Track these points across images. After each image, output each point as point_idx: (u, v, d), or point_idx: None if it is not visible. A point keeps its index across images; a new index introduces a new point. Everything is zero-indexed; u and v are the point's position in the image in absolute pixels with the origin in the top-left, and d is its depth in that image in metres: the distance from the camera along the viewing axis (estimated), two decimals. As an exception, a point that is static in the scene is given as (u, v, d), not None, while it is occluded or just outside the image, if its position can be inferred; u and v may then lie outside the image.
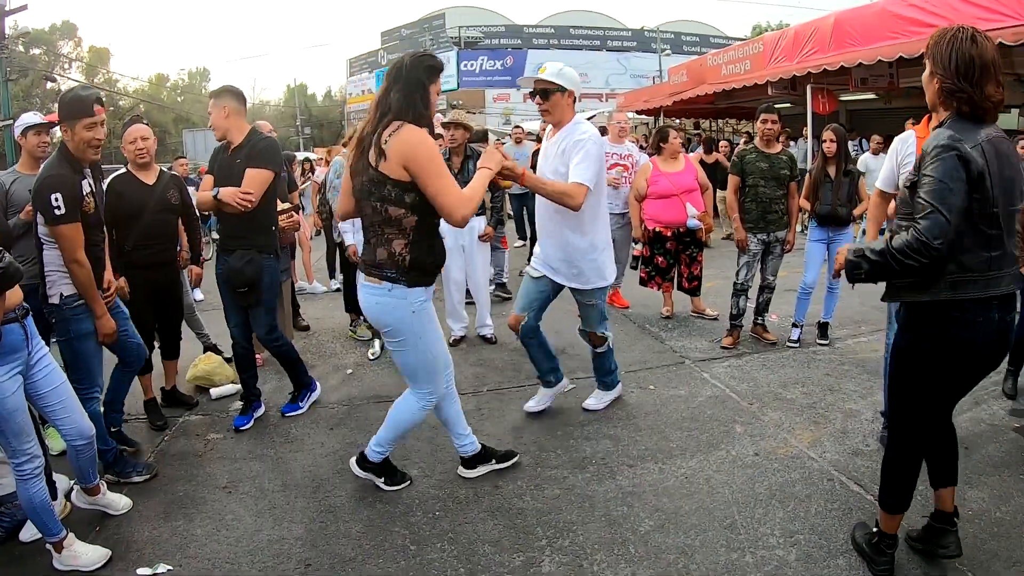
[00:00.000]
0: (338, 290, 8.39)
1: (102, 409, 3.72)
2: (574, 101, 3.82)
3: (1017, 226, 3.57)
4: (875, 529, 2.67)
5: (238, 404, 4.61)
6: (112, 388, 3.95)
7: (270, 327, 4.36)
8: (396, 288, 2.99)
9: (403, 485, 3.48)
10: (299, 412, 4.55)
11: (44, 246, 3.38)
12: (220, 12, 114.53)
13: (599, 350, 4.29)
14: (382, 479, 3.47)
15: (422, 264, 3.01)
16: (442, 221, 2.97)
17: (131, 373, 4.02)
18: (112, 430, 3.90)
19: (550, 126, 3.96)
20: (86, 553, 2.96)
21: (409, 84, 2.90)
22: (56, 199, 3.19)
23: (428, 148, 2.83)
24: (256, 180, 4.00)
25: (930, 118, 2.72)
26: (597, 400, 4.40)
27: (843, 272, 2.43)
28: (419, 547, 2.97)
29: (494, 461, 3.59)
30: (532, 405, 4.37)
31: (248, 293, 4.20)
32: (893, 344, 2.57)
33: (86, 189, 3.41)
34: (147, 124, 4.52)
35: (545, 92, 3.74)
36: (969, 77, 2.25)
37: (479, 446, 3.56)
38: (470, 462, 3.55)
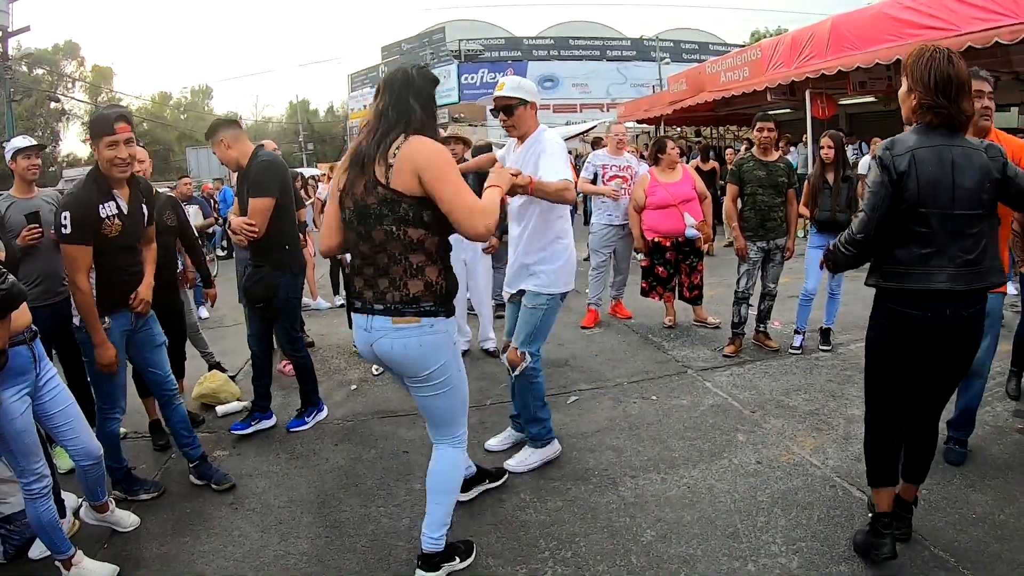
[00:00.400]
0: (341, 306, 8.44)
1: (122, 430, 3.69)
2: (535, 112, 3.70)
3: (1016, 227, 3.63)
4: (870, 514, 2.80)
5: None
6: (171, 431, 3.93)
7: (290, 338, 4.57)
8: (438, 322, 2.61)
9: (474, 553, 3.00)
10: (303, 428, 4.58)
11: None
12: (222, 30, 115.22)
13: (514, 372, 3.71)
14: (456, 559, 2.92)
15: (453, 289, 2.68)
16: None
17: (167, 408, 3.86)
18: (191, 466, 3.91)
19: (513, 140, 3.81)
20: (94, 570, 2.99)
21: (421, 95, 2.62)
22: (65, 217, 3.19)
23: (447, 156, 2.54)
24: (256, 209, 4.14)
25: None
26: (517, 461, 3.81)
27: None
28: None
29: (487, 481, 3.56)
30: (494, 444, 4.13)
31: (265, 308, 4.33)
32: None
33: (110, 211, 3.36)
34: (143, 146, 4.55)
35: (508, 108, 3.60)
36: (947, 94, 2.43)
37: (474, 469, 3.49)
38: (466, 485, 3.42)
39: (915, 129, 2.53)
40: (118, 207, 3.40)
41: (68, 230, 3.20)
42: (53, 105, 33.05)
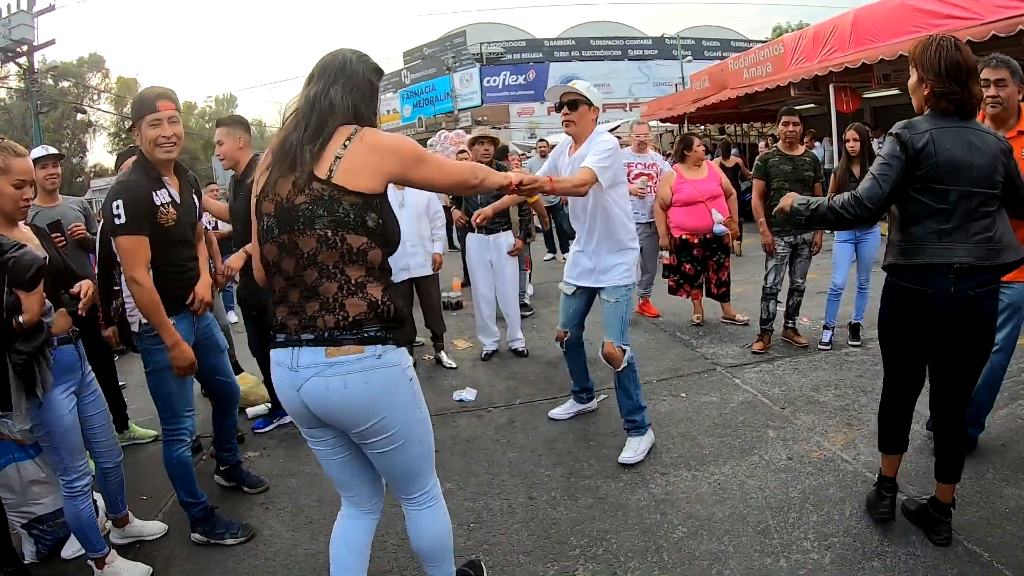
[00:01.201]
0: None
1: (190, 454, 3.38)
2: (596, 118, 3.84)
3: None
4: (877, 476, 3.03)
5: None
6: (215, 433, 3.85)
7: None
8: (387, 352, 2.06)
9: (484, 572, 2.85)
10: (268, 429, 4.72)
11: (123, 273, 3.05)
12: (244, 39, 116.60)
13: (619, 368, 3.86)
14: None
15: (403, 316, 2.13)
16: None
17: (225, 416, 3.76)
18: (222, 468, 3.90)
19: (571, 140, 3.92)
20: (127, 569, 3.03)
21: (360, 85, 2.14)
22: (117, 206, 2.84)
23: (413, 142, 2.22)
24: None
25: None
26: (632, 451, 3.82)
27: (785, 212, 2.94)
28: (456, 558, 2.96)
29: None
30: (558, 412, 4.51)
31: (259, 315, 4.41)
32: None
33: (163, 199, 3.02)
34: None
35: (575, 103, 3.74)
36: (959, 80, 2.53)
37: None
38: None
39: (928, 115, 2.61)
40: (170, 195, 3.08)
41: (122, 220, 2.84)
42: (80, 117, 33.50)
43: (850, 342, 5.49)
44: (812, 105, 14.04)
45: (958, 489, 2.86)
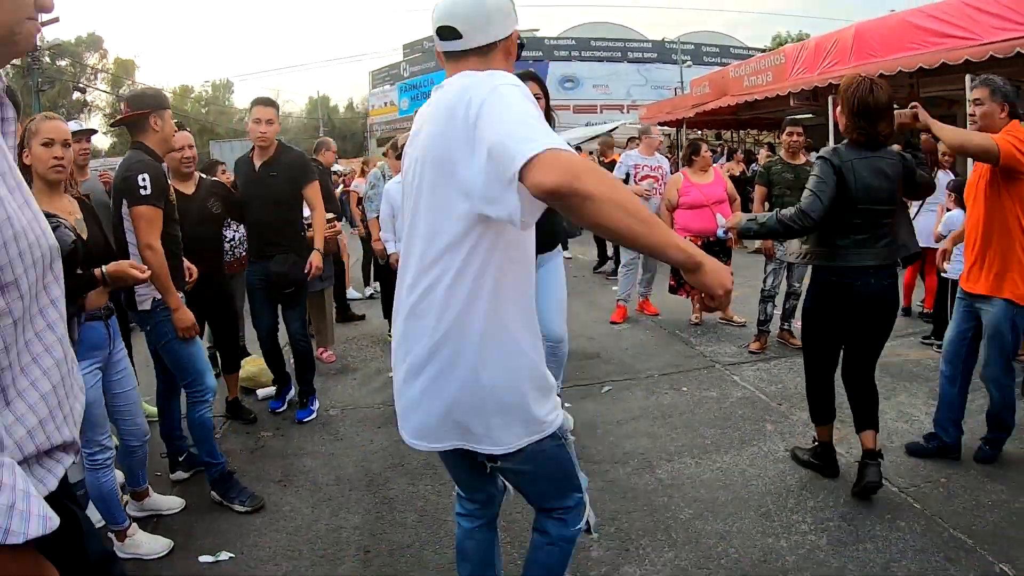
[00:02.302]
0: (371, 296, 8.69)
1: (211, 415, 3.56)
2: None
3: None
4: (814, 442, 3.64)
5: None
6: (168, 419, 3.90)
7: (302, 322, 4.73)
8: None
9: None
10: (313, 416, 4.73)
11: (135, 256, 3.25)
12: (243, 24, 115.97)
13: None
14: None
15: None
16: None
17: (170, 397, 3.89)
18: (180, 458, 3.90)
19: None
20: (148, 543, 3.10)
21: None
22: (143, 179, 3.16)
23: None
24: (319, 195, 4.46)
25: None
26: None
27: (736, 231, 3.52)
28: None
29: None
30: None
31: (293, 293, 4.51)
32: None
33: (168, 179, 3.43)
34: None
35: None
36: (867, 117, 3.11)
37: None
38: None
39: (847, 143, 3.20)
40: (167, 179, 3.46)
41: (148, 191, 3.17)
42: (76, 96, 33.17)
43: (843, 345, 5.69)
44: (810, 115, 14.24)
45: (945, 483, 3.23)
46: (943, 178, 6.03)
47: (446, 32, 1.84)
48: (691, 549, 2.96)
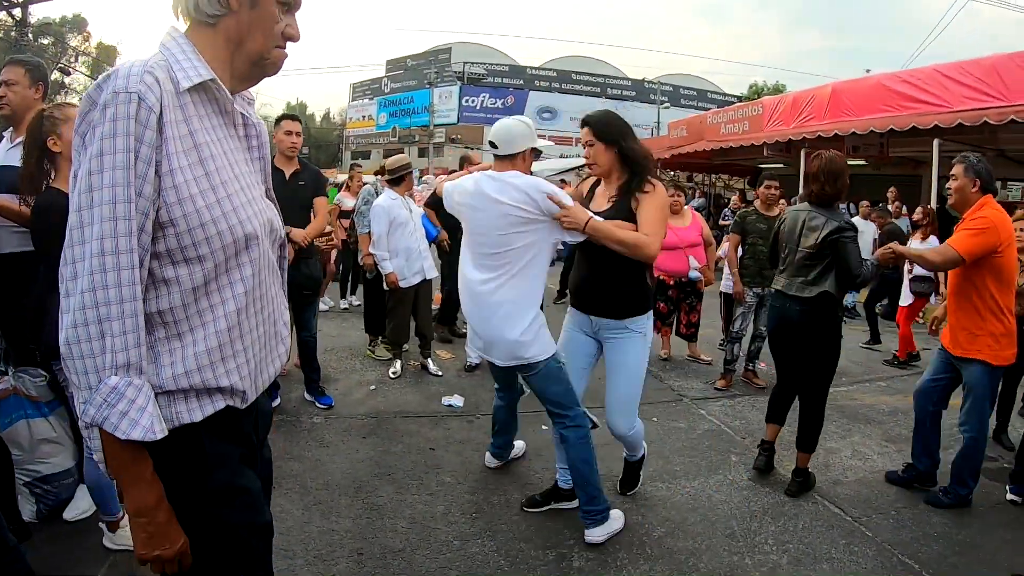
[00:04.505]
0: (346, 309, 8.85)
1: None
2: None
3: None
4: (763, 440, 4.31)
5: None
6: None
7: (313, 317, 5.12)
8: None
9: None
10: (332, 404, 5.16)
11: None
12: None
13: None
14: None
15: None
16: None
17: None
18: None
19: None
20: None
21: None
22: None
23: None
24: (326, 205, 4.85)
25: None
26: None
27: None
28: (462, 542, 3.32)
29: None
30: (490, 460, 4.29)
31: (312, 294, 4.91)
32: None
33: None
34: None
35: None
36: (830, 182, 3.85)
37: None
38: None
39: (800, 196, 3.83)
40: None
41: None
42: (55, 76, 32.60)
43: (804, 387, 6.05)
44: (781, 166, 14.79)
45: (895, 515, 3.66)
46: (934, 242, 6.80)
47: (492, 144, 3.26)
48: (664, 563, 3.23)
